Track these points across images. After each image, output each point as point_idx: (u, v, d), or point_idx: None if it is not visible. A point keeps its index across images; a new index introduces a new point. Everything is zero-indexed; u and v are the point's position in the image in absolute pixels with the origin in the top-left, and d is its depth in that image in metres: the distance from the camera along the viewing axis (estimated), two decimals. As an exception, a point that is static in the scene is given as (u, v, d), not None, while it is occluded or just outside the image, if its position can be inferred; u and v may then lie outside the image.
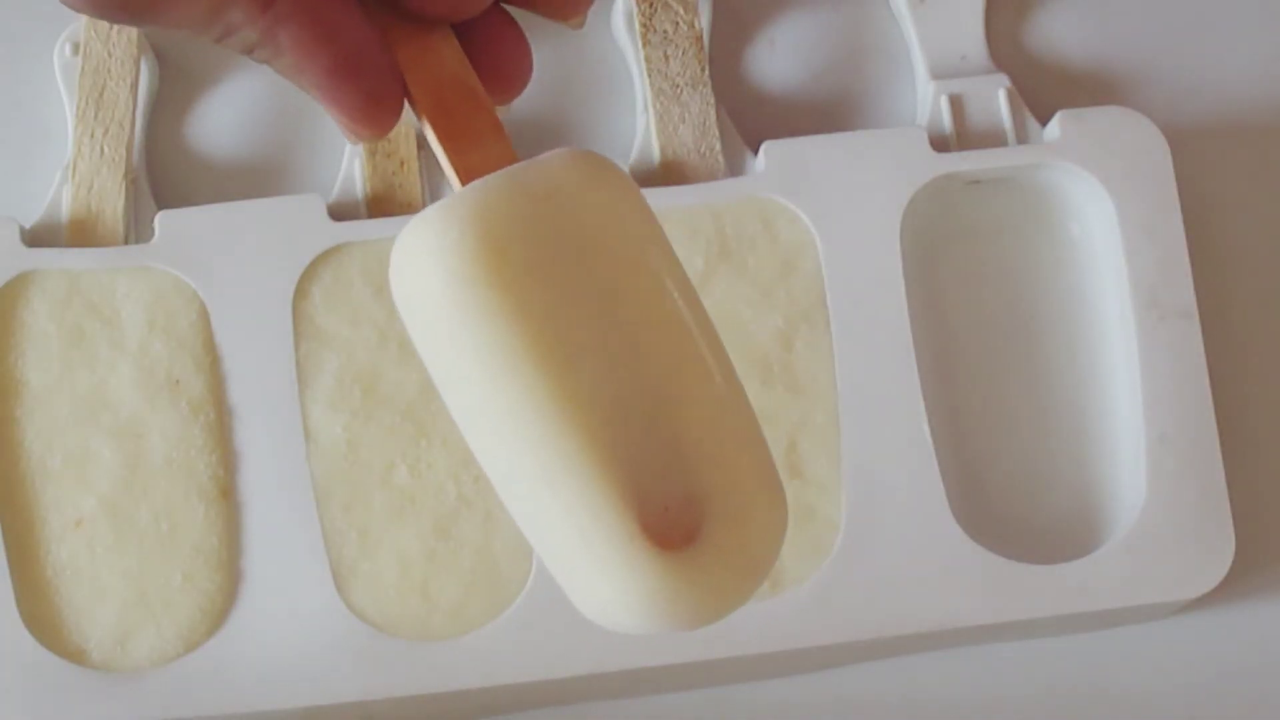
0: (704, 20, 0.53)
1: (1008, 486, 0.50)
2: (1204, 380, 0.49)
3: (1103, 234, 0.50)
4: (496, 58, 0.36)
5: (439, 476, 0.48)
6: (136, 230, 0.51)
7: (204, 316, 0.49)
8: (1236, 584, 0.49)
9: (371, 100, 0.36)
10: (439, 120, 0.34)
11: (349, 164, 0.51)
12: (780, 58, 0.55)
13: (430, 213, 0.32)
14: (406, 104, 0.35)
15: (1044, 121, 0.51)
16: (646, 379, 0.32)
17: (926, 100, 0.53)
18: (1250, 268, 0.53)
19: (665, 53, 0.52)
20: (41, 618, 0.47)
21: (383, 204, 0.51)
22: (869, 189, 0.50)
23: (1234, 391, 0.51)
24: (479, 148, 0.34)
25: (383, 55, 0.35)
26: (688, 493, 0.33)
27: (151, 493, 0.48)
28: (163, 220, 0.50)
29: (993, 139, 0.52)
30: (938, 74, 0.52)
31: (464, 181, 0.33)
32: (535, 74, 0.55)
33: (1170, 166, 0.50)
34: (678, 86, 0.52)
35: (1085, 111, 0.51)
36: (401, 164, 0.51)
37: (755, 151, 0.51)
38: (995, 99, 0.52)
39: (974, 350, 0.51)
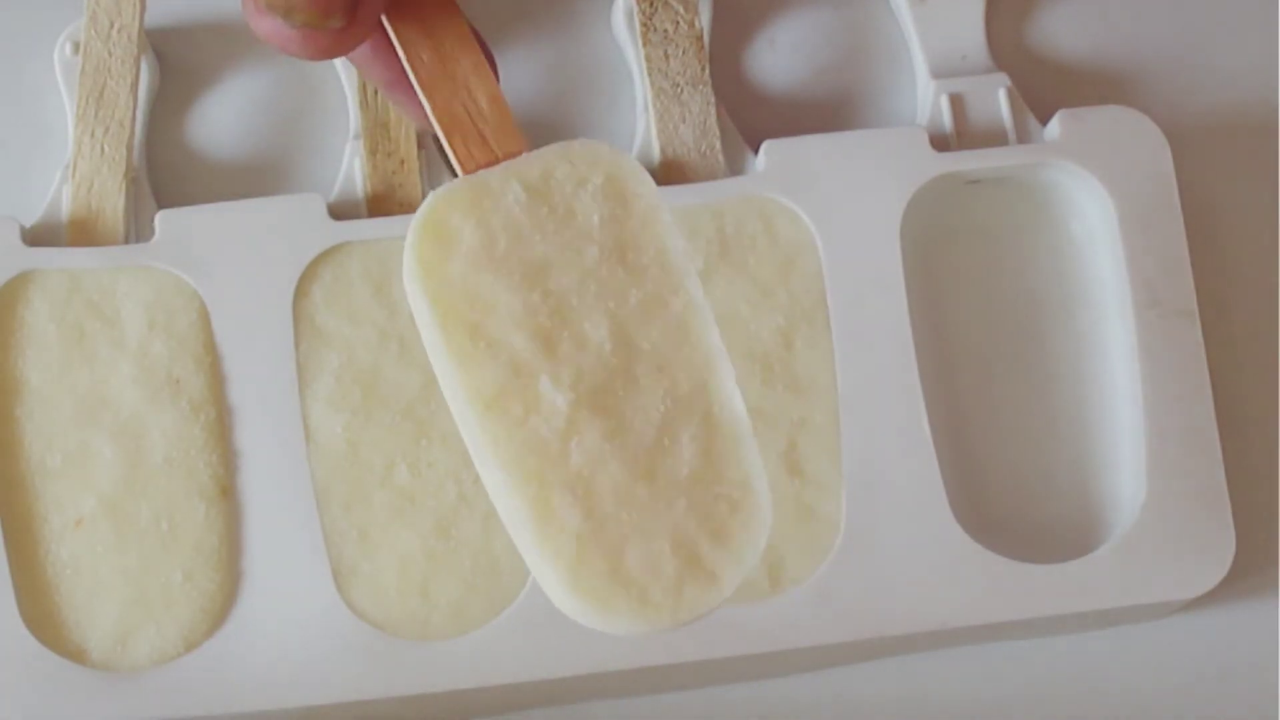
0: (704, 20, 0.53)
1: (1008, 486, 0.50)
2: (1204, 379, 0.49)
3: (1103, 233, 0.50)
4: None
5: (439, 476, 0.48)
6: (136, 230, 0.51)
7: (204, 316, 0.49)
8: (1236, 584, 0.49)
9: None
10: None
11: (349, 163, 0.51)
12: (780, 57, 0.55)
13: None
14: None
15: (1044, 121, 0.51)
16: None
17: (927, 100, 0.52)
18: (1250, 268, 0.53)
19: (665, 52, 0.52)
20: (41, 617, 0.47)
21: (383, 203, 0.51)
22: (869, 188, 0.50)
23: (1234, 391, 0.51)
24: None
25: None
26: None
27: (152, 492, 0.48)
28: (163, 220, 0.50)
29: (993, 138, 0.52)
30: (938, 73, 0.52)
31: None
32: (535, 74, 0.56)
33: (1170, 166, 0.50)
34: (678, 86, 0.52)
35: (1085, 111, 0.51)
36: (401, 163, 0.51)
37: (755, 151, 0.51)
38: (995, 98, 0.52)
39: (974, 350, 0.51)
